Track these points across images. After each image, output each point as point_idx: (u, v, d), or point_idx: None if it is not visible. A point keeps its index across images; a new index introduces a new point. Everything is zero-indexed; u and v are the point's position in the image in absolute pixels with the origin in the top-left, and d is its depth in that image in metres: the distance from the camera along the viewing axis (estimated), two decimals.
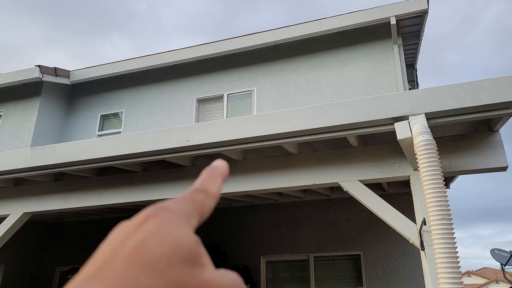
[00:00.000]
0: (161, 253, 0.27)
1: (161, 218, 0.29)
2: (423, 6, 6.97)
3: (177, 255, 0.27)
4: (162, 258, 0.26)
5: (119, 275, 0.25)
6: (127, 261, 0.26)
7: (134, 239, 0.28)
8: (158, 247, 0.27)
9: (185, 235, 0.29)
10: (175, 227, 0.29)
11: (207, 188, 0.35)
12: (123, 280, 0.25)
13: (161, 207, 0.31)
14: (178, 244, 0.28)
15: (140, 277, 0.25)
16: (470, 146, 3.65)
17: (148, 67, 8.79)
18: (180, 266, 0.27)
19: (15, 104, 9.08)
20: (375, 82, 7.22)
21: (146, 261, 0.26)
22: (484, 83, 3.19)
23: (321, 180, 3.99)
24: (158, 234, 0.28)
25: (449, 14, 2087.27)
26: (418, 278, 6.45)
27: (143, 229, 0.28)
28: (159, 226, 0.29)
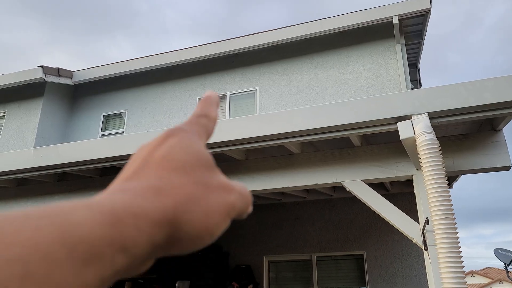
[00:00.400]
0: (185, 160, 0.32)
1: (180, 136, 0.34)
2: (425, 5, 6.95)
3: (198, 162, 0.32)
4: (186, 164, 0.32)
5: (153, 175, 0.30)
6: (158, 166, 0.31)
7: (161, 150, 0.33)
8: (183, 156, 0.32)
9: (202, 148, 0.35)
10: (194, 142, 0.34)
11: (208, 113, 0.41)
12: (159, 177, 0.30)
13: (178, 128, 0.36)
14: (198, 154, 0.33)
15: (171, 177, 0.30)
16: (473, 146, 3.64)
17: (150, 67, 8.80)
18: (202, 169, 0.32)
19: (18, 105, 9.11)
20: (377, 82, 7.21)
21: (174, 166, 0.31)
22: (486, 82, 3.18)
23: (324, 180, 3.98)
24: (180, 146, 0.33)
25: (452, 13, 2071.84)
26: (421, 278, 6.43)
27: (167, 143, 0.33)
28: (179, 140, 0.34)
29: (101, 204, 0.26)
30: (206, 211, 0.30)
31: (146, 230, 0.26)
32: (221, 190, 0.32)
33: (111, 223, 0.25)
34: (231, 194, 0.33)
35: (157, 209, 0.27)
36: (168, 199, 0.28)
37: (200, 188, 0.31)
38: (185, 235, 0.28)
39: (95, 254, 0.23)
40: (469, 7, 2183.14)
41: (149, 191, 0.28)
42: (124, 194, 0.28)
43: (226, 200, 0.32)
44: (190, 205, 0.29)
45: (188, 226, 0.28)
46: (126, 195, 0.27)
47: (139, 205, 0.27)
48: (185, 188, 0.30)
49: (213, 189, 0.31)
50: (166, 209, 0.28)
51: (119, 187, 0.29)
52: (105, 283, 0.25)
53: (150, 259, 0.28)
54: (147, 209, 0.27)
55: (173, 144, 0.33)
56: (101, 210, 0.25)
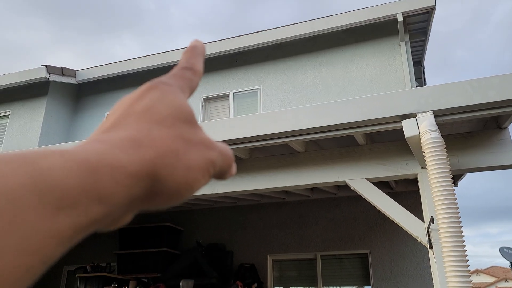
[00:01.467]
0: (167, 114, 0.31)
1: (162, 89, 0.34)
2: (430, 2, 6.91)
3: (180, 116, 0.32)
4: (168, 117, 0.31)
5: (133, 126, 0.30)
6: (138, 118, 0.31)
7: (142, 103, 0.32)
8: (164, 109, 0.31)
9: (185, 103, 0.34)
10: (176, 96, 0.34)
11: (193, 66, 0.40)
12: (138, 129, 0.29)
13: (160, 81, 0.35)
14: (180, 108, 0.33)
15: (152, 129, 0.30)
16: (478, 144, 3.62)
17: (154, 66, 8.80)
18: (184, 124, 0.32)
19: (22, 104, 9.14)
20: (382, 80, 7.18)
21: (155, 118, 0.31)
22: (492, 80, 3.16)
23: (328, 179, 3.97)
24: (162, 100, 0.32)
25: (459, 10, 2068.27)
26: (426, 277, 6.41)
27: (148, 96, 0.33)
28: (161, 94, 0.33)
29: (75, 153, 0.25)
30: (186, 165, 0.29)
31: (123, 182, 0.25)
32: (202, 146, 0.32)
33: (86, 171, 0.24)
34: (212, 151, 0.32)
35: (136, 161, 0.27)
36: (148, 151, 0.28)
37: (181, 142, 0.30)
38: (164, 188, 0.28)
39: (68, 202, 0.23)
40: (477, 3, 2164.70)
41: (127, 142, 0.28)
42: (101, 144, 0.27)
43: (206, 156, 0.32)
44: (170, 158, 0.29)
45: (168, 179, 0.28)
46: (103, 146, 0.27)
47: (116, 156, 0.26)
48: (166, 141, 0.29)
49: (194, 144, 0.31)
50: (145, 161, 0.27)
51: (96, 138, 0.29)
52: (80, 233, 0.24)
53: (129, 213, 0.28)
54: (124, 160, 0.26)
55: (154, 97, 0.33)
56: (75, 158, 0.24)
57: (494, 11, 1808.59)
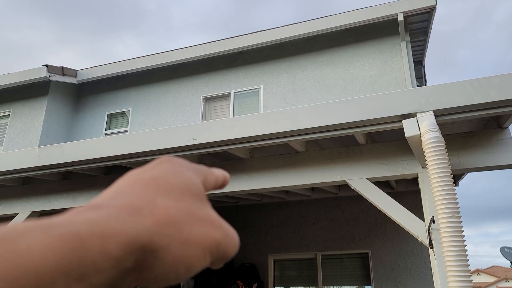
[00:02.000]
0: (175, 184, 0.31)
1: (174, 162, 0.34)
2: (431, 2, 6.91)
3: (188, 189, 0.31)
4: (175, 188, 0.30)
5: (136, 194, 0.29)
6: (144, 186, 0.30)
7: (151, 173, 0.31)
8: (172, 180, 0.31)
9: (196, 179, 0.33)
10: (187, 170, 0.33)
11: (212, 170, 0.39)
12: (141, 197, 0.28)
13: (174, 157, 0.35)
14: (189, 181, 0.32)
15: (156, 198, 0.28)
16: (479, 143, 3.62)
17: (154, 66, 8.80)
18: (191, 198, 0.31)
19: (23, 104, 9.14)
20: (382, 79, 7.18)
21: (161, 188, 0.30)
22: (493, 79, 3.15)
23: (329, 178, 3.97)
24: (172, 171, 0.32)
25: (461, 10, 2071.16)
26: (427, 277, 6.41)
27: (159, 167, 0.32)
28: (173, 166, 0.33)
29: (63, 226, 0.23)
30: (187, 240, 0.27)
31: (113, 254, 0.23)
32: (208, 223, 0.30)
33: (71, 248, 0.22)
34: (218, 230, 0.30)
35: (130, 230, 0.25)
36: (146, 219, 0.26)
37: (185, 214, 0.28)
38: (159, 262, 0.26)
39: (43, 285, 0.21)
40: (479, 3, 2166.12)
41: (125, 210, 0.26)
42: (94, 212, 0.25)
43: (211, 235, 0.29)
44: (171, 229, 0.27)
45: (164, 252, 0.26)
46: (95, 214, 0.25)
47: (108, 225, 0.24)
48: (169, 211, 0.28)
49: (199, 219, 0.29)
50: (141, 230, 0.25)
51: (93, 205, 0.27)
52: None
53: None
54: (117, 229, 0.24)
55: (164, 168, 0.32)
56: (61, 233, 0.23)
57: (496, 11, 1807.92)
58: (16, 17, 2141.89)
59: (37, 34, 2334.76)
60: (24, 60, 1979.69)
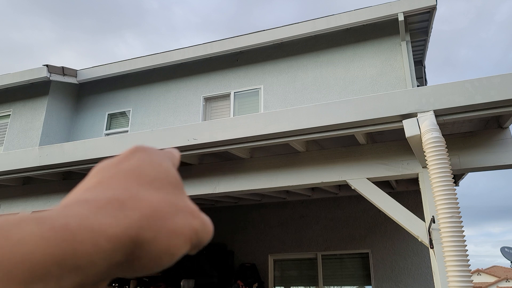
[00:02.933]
0: (155, 175, 0.31)
1: (149, 151, 0.34)
2: (431, 2, 6.91)
3: (168, 180, 0.32)
4: (155, 179, 0.31)
5: (119, 186, 0.29)
6: (125, 178, 0.30)
7: (128, 163, 0.31)
8: (152, 171, 0.31)
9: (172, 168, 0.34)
10: (163, 159, 0.34)
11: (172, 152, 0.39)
12: (125, 189, 0.28)
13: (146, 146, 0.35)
14: (167, 171, 0.32)
15: (139, 190, 0.29)
16: (479, 143, 3.61)
17: (155, 66, 8.81)
18: (171, 188, 0.31)
19: (23, 104, 9.15)
20: (383, 79, 7.18)
21: (142, 179, 0.30)
22: (493, 79, 3.15)
23: (329, 178, 3.97)
24: (149, 162, 0.32)
25: (463, 9, 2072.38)
26: (427, 277, 6.40)
27: (134, 157, 0.32)
28: (148, 156, 0.33)
29: (53, 218, 0.23)
30: (171, 231, 0.28)
31: (104, 247, 0.24)
32: (188, 213, 0.31)
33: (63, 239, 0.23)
34: (196, 219, 0.31)
35: (119, 224, 0.25)
36: (133, 213, 0.27)
37: (168, 205, 0.29)
38: (145, 253, 0.27)
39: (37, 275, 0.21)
40: (481, 2, 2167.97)
41: (112, 203, 0.27)
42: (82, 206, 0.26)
43: (192, 224, 0.30)
44: (156, 221, 0.27)
45: (151, 244, 0.27)
46: (84, 208, 0.26)
47: (98, 219, 0.25)
48: (152, 203, 0.28)
49: (180, 209, 0.30)
50: (129, 224, 0.26)
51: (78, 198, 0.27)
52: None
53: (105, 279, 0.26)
54: (106, 224, 0.25)
55: (142, 158, 0.32)
56: (52, 224, 0.23)
57: (498, 10, 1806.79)
58: (17, 17, 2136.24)
59: (39, 33, 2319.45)
60: (26, 60, 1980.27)
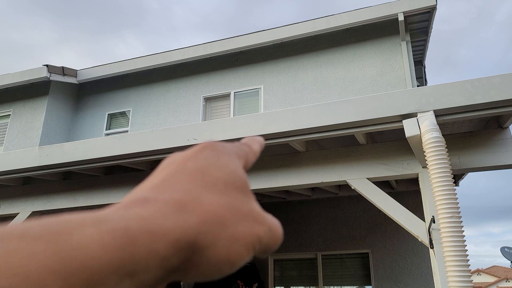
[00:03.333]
0: (219, 177, 0.30)
1: (217, 150, 0.33)
2: (431, 2, 6.91)
3: (233, 182, 0.30)
4: (220, 182, 0.30)
5: (181, 187, 0.28)
6: (188, 178, 0.29)
7: (194, 162, 0.31)
8: (217, 172, 0.30)
9: (239, 169, 0.33)
10: (230, 159, 0.33)
11: (250, 144, 0.39)
12: (187, 191, 0.28)
13: (217, 142, 0.34)
14: (233, 173, 0.31)
15: (201, 192, 0.28)
16: (479, 143, 3.61)
17: (155, 66, 8.81)
18: (235, 192, 0.30)
19: (23, 104, 9.15)
20: (383, 79, 7.18)
21: (206, 181, 0.29)
22: (493, 79, 3.15)
23: (329, 178, 3.97)
24: (216, 161, 0.31)
25: (464, 9, 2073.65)
26: (427, 277, 6.41)
27: (203, 156, 0.32)
28: (216, 155, 0.32)
29: (114, 220, 0.23)
30: (232, 238, 0.27)
31: (161, 252, 0.24)
32: (252, 219, 0.29)
33: (122, 244, 0.22)
34: (261, 225, 0.30)
35: (178, 228, 0.25)
36: (193, 217, 0.26)
37: (230, 211, 0.28)
38: (204, 260, 0.26)
39: (95, 282, 0.21)
40: (481, 2, 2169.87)
41: (172, 206, 0.26)
42: (143, 208, 0.25)
43: (255, 231, 0.29)
44: (216, 227, 0.27)
45: (210, 250, 0.26)
46: (145, 210, 0.25)
47: (157, 222, 0.24)
48: (214, 208, 0.27)
49: (244, 215, 0.29)
50: (188, 228, 0.25)
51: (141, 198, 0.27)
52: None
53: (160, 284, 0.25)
54: (166, 227, 0.24)
55: (208, 157, 0.31)
56: (113, 228, 0.22)
57: (498, 10, 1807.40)
58: (17, 17, 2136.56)
59: (39, 34, 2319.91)
60: (26, 60, 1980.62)
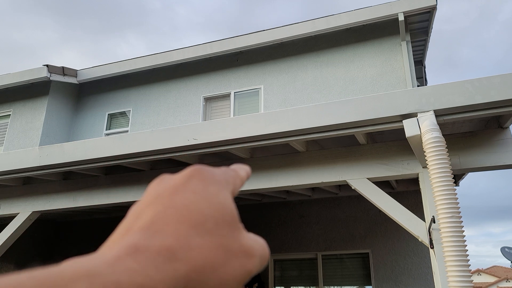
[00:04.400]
0: (209, 215, 0.29)
1: (205, 180, 0.31)
2: (431, 2, 6.91)
3: (223, 218, 0.29)
4: (210, 219, 0.28)
5: (171, 231, 0.27)
6: (177, 217, 0.28)
7: (183, 196, 0.29)
8: (207, 208, 0.29)
9: (228, 199, 0.31)
10: (220, 191, 0.31)
11: (237, 170, 0.38)
12: (176, 235, 0.27)
13: (204, 168, 0.33)
14: (223, 207, 0.30)
15: (190, 235, 0.27)
16: (480, 143, 3.61)
17: (155, 66, 8.81)
18: (225, 229, 0.29)
19: (23, 104, 9.15)
20: (383, 79, 7.18)
21: (195, 220, 0.28)
22: (494, 79, 3.15)
23: (329, 178, 3.97)
24: (204, 195, 0.30)
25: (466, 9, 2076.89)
26: (427, 277, 6.40)
27: (190, 188, 0.30)
28: (204, 187, 0.31)
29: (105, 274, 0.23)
30: (222, 280, 0.27)
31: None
32: (243, 254, 0.29)
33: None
34: (252, 258, 0.29)
35: (167, 278, 0.25)
36: (182, 264, 0.26)
37: (220, 252, 0.28)
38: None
39: None
40: (484, 2, 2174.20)
41: (162, 254, 0.26)
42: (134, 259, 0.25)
43: (245, 267, 0.29)
44: (206, 272, 0.26)
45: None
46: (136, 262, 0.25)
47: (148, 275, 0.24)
48: (204, 252, 0.27)
49: (234, 253, 0.28)
50: (178, 277, 0.25)
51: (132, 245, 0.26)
52: None
53: None
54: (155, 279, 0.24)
55: (197, 189, 0.30)
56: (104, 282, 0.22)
57: (501, 10, 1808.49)
58: (19, 17, 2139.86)
59: (41, 34, 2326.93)
60: (27, 60, 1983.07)
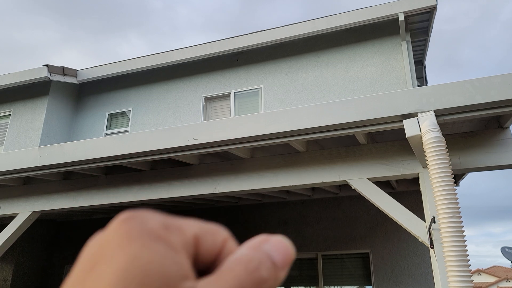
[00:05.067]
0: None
1: (143, 243, 0.26)
2: (431, 2, 6.91)
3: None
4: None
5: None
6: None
7: (117, 265, 0.25)
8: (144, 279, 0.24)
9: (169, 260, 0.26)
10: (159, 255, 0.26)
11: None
12: None
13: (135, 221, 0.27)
14: (161, 278, 0.25)
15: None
16: (480, 143, 3.61)
17: (155, 66, 8.80)
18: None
19: (23, 104, 9.15)
20: (383, 79, 7.17)
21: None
22: (494, 79, 3.15)
23: (329, 178, 3.97)
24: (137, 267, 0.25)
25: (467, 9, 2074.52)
26: (427, 277, 6.40)
27: (115, 263, 0.25)
28: (139, 254, 0.25)
29: None
30: None
31: None
32: None
33: None
34: None
35: None
36: None
37: None
38: None
39: None
40: (485, 2, 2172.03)
41: None
42: None
43: None
44: None
45: None
46: None
47: None
48: None
49: None
50: None
51: None
52: None
53: None
54: None
55: (130, 260, 0.25)
56: None
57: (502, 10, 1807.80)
58: (19, 17, 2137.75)
59: (42, 33, 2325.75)
60: (28, 60, 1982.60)
